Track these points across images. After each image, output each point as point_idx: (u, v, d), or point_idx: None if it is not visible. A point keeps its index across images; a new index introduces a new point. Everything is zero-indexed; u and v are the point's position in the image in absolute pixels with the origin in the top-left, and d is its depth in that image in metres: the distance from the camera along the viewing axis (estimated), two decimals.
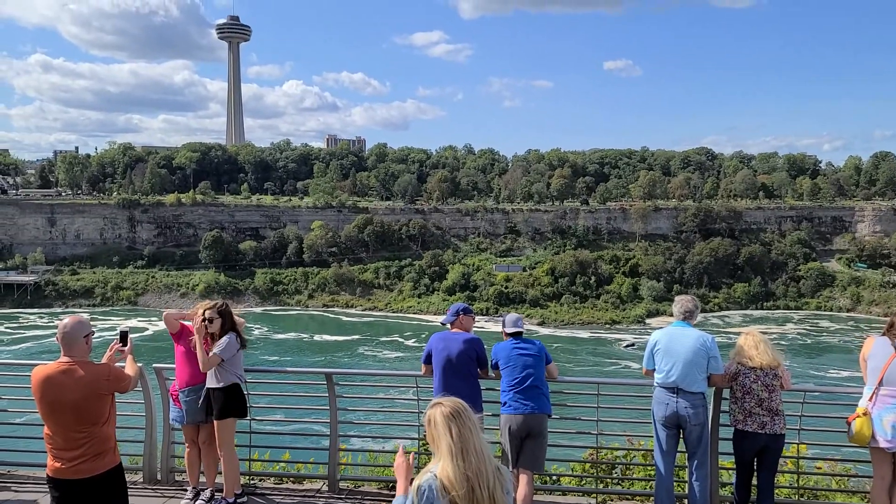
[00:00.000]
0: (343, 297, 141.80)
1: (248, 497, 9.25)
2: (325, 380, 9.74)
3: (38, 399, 6.48)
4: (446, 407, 4.36)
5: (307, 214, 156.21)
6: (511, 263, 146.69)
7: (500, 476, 4.31)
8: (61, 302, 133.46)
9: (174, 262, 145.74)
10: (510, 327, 8.97)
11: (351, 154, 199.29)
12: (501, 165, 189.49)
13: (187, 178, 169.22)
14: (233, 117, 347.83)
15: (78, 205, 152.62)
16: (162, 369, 9.75)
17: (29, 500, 9.28)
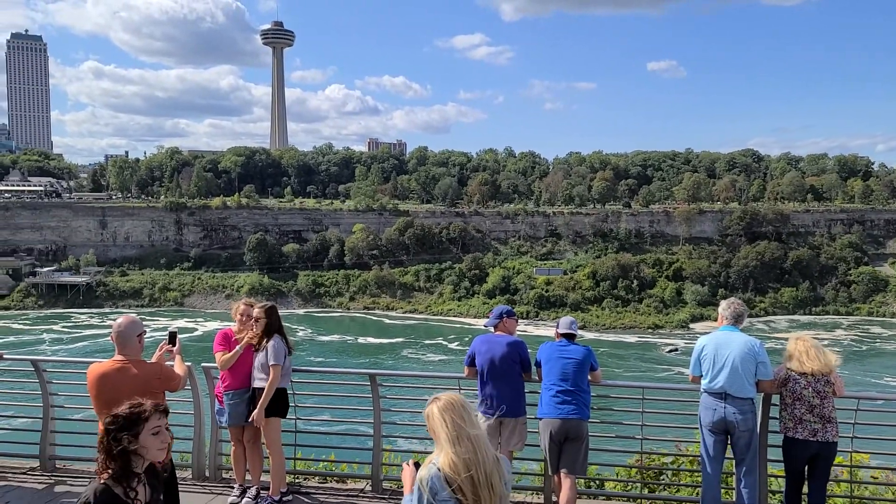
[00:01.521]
0: (384, 299, 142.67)
1: (293, 496, 9.37)
2: (369, 381, 9.81)
3: (93, 396, 6.65)
4: (441, 401, 4.51)
5: (349, 217, 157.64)
6: (552, 267, 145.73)
7: (498, 465, 4.43)
8: (111, 302, 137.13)
9: (219, 265, 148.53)
10: (563, 328, 8.90)
11: (392, 157, 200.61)
12: (542, 168, 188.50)
13: (232, 182, 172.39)
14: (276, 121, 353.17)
15: (127, 208, 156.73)
16: (210, 369, 9.93)
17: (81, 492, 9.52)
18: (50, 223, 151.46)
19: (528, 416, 9.05)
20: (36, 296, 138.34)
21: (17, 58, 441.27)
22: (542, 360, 8.75)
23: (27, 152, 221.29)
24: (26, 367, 10.85)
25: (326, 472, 10.29)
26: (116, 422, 4.93)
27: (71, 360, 11.94)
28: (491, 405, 8.82)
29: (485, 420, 8.86)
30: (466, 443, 4.32)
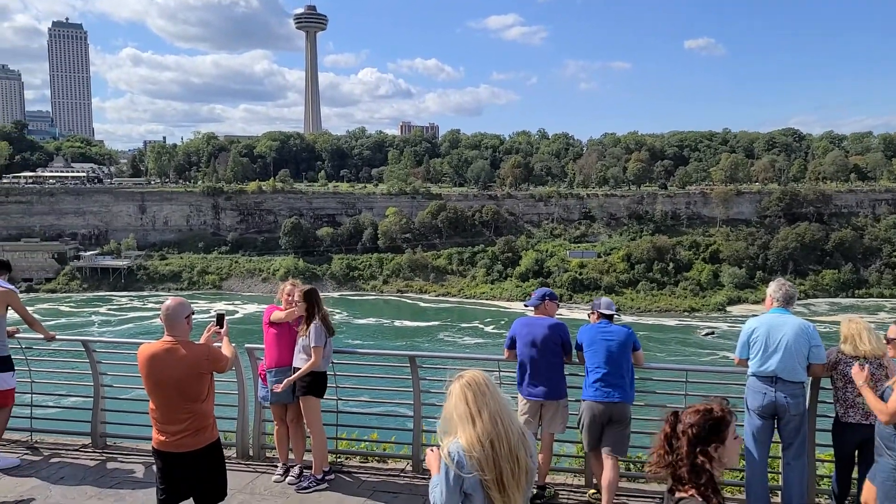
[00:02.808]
0: (417, 282, 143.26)
1: (335, 474, 9.52)
2: (409, 362, 9.90)
3: (143, 376, 6.80)
4: (463, 378, 4.51)
5: (382, 201, 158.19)
6: (585, 249, 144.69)
7: (523, 440, 4.42)
8: (151, 286, 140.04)
9: (256, 248, 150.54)
10: (604, 309, 8.84)
11: (424, 141, 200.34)
12: (576, 150, 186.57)
13: (267, 167, 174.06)
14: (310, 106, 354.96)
15: (166, 193, 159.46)
16: (253, 349, 10.12)
17: (133, 469, 9.85)
18: (92, 208, 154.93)
19: (568, 399, 9.05)
20: (80, 279, 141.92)
21: (59, 46, 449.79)
22: (585, 343, 8.69)
23: (70, 139, 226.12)
24: (77, 348, 11.17)
25: (367, 452, 10.44)
26: (703, 427, 4.16)
27: (119, 341, 12.29)
28: (531, 387, 8.83)
29: (525, 402, 8.90)
30: (487, 417, 4.32)
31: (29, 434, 11.00)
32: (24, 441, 10.84)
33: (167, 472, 6.82)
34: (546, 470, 9.00)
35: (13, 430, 10.96)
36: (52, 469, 9.84)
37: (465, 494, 4.34)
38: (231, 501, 8.55)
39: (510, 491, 4.31)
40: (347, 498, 8.86)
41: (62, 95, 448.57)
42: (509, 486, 4.30)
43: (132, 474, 9.67)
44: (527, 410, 8.86)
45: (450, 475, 4.31)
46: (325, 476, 9.31)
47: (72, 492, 9.02)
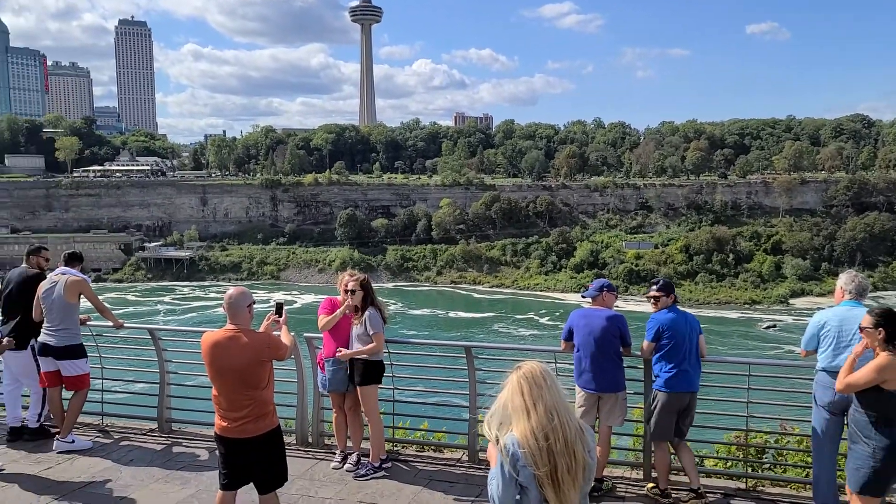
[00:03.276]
0: (470, 273, 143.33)
1: (392, 462, 9.62)
2: (465, 353, 9.91)
3: (207, 363, 6.96)
4: (521, 369, 4.44)
5: (436, 192, 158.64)
6: (642, 240, 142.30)
7: (582, 435, 4.34)
8: (213, 276, 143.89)
9: (312, 239, 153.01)
10: (672, 291, 8.73)
11: (478, 131, 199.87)
12: (633, 139, 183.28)
13: (323, 159, 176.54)
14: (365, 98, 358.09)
15: (226, 185, 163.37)
16: (312, 338, 10.28)
17: (197, 453, 10.16)
18: (156, 200, 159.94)
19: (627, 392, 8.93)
20: (145, 269, 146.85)
21: (124, 44, 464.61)
22: (667, 332, 8.48)
23: (135, 133, 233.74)
24: (143, 336, 11.56)
25: (424, 441, 10.52)
26: None
27: (183, 329, 12.66)
28: (589, 380, 8.74)
29: (583, 394, 8.81)
30: (542, 411, 4.27)
31: (100, 418, 11.45)
32: (95, 424, 11.30)
33: (229, 456, 6.99)
34: (604, 463, 8.91)
35: (86, 414, 11.44)
36: (122, 452, 10.23)
37: (522, 487, 4.30)
38: (291, 487, 8.74)
39: (565, 487, 4.24)
40: (404, 486, 8.95)
41: (128, 91, 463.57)
42: (564, 481, 4.24)
43: (196, 458, 9.97)
44: (584, 403, 8.78)
45: (505, 468, 4.29)
46: (383, 464, 9.42)
47: (140, 473, 9.36)
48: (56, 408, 10.45)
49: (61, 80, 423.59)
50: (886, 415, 6.72)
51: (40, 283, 10.50)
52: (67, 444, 9.97)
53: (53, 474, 9.37)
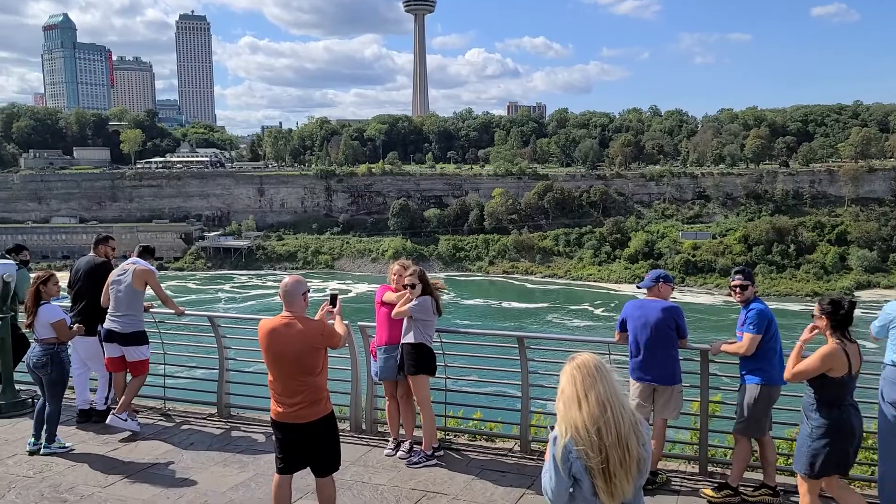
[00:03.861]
0: (523, 263, 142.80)
1: (444, 451, 9.68)
2: (517, 343, 9.89)
3: (263, 349, 7.11)
4: (574, 360, 4.38)
5: (488, 182, 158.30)
6: (699, 230, 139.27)
7: (636, 427, 4.26)
8: (269, 265, 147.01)
9: (365, 229, 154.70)
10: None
11: (531, 121, 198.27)
12: (690, 127, 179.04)
13: (377, 149, 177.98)
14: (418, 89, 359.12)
15: (282, 176, 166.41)
16: (365, 327, 10.41)
17: (255, 438, 10.42)
18: (215, 191, 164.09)
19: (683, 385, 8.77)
20: (204, 258, 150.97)
21: (185, 38, 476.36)
22: (771, 323, 8.28)
23: (195, 125, 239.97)
24: (203, 323, 11.89)
25: (475, 431, 10.55)
26: None
27: (241, 317, 12.96)
28: (644, 372, 8.62)
29: (637, 386, 8.70)
30: (594, 402, 4.20)
31: (162, 402, 11.84)
32: (158, 408, 11.69)
33: (285, 441, 7.14)
34: (658, 456, 8.79)
35: (149, 398, 11.87)
36: (183, 435, 10.56)
37: (574, 479, 4.27)
38: (345, 473, 8.89)
39: (617, 479, 4.19)
40: (456, 475, 9.00)
41: (188, 84, 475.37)
42: (616, 473, 4.18)
43: (254, 442, 10.22)
44: (638, 395, 8.66)
45: (557, 459, 4.27)
46: (435, 452, 9.49)
47: (200, 457, 9.65)
48: (121, 391, 10.85)
49: (125, 74, 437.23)
50: (827, 398, 6.87)
51: (107, 271, 10.90)
52: (120, 420, 10.30)
53: (119, 455, 9.74)
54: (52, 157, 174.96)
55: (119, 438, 10.28)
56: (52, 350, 9.84)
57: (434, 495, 8.43)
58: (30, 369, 10.00)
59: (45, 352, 9.80)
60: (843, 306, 6.93)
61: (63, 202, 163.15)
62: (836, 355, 6.81)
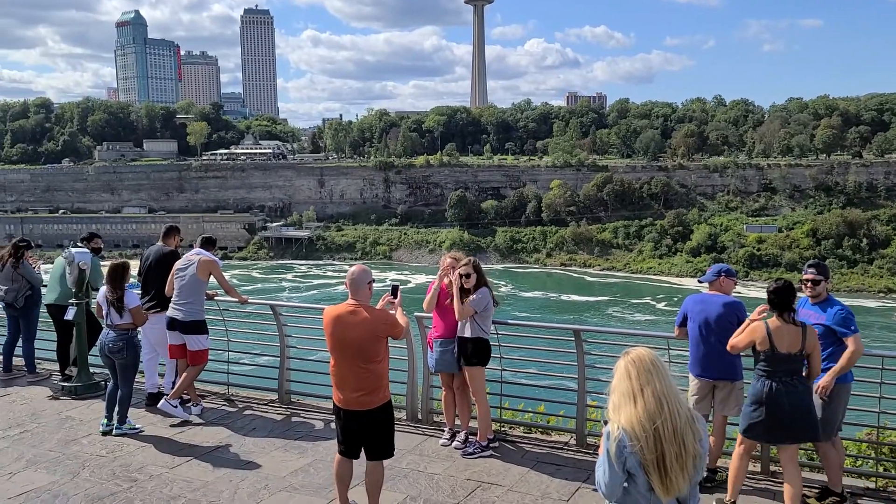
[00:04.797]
0: (581, 256, 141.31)
1: (499, 442, 9.71)
2: (574, 336, 9.82)
3: (327, 335, 7.29)
4: (629, 354, 4.37)
5: (546, 173, 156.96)
6: (765, 223, 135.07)
7: (693, 423, 4.24)
8: (329, 255, 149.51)
9: (423, 220, 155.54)
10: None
11: (591, 111, 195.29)
12: (756, 117, 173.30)
13: (435, 141, 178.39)
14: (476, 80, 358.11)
15: (342, 168, 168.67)
16: (422, 318, 10.50)
17: (314, 424, 10.65)
18: (277, 182, 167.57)
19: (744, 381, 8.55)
20: (267, 248, 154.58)
21: (249, 32, 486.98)
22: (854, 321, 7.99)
23: (258, 118, 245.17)
24: (266, 311, 12.20)
25: (531, 423, 10.55)
26: None
27: (302, 306, 13.25)
28: (704, 367, 8.45)
29: (696, 382, 8.54)
30: (650, 397, 4.20)
31: (226, 388, 12.21)
32: (222, 394, 12.07)
33: (345, 427, 7.33)
34: (718, 453, 8.62)
35: (213, 384, 12.27)
36: (246, 420, 10.88)
37: (629, 474, 4.27)
38: (401, 461, 9.03)
39: (672, 475, 4.17)
40: (511, 466, 9.02)
41: (251, 77, 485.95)
42: (671, 469, 4.17)
43: (313, 429, 10.45)
44: (697, 391, 8.50)
45: (611, 453, 4.27)
46: (490, 443, 9.53)
47: (262, 442, 9.93)
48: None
49: (192, 68, 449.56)
50: (759, 370, 7.54)
51: (174, 260, 11.30)
52: (170, 406, 10.64)
53: (185, 438, 10.11)
54: (124, 150, 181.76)
55: (170, 423, 10.61)
56: (127, 335, 10.27)
57: (489, 486, 8.47)
58: (103, 353, 10.42)
59: (121, 337, 10.21)
60: (776, 290, 7.49)
61: (133, 193, 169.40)
62: (756, 330, 7.49)
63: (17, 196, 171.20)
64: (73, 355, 12.37)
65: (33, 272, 13.06)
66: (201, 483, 8.57)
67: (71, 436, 10.16)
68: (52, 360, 13.17)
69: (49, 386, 12.53)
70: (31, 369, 13.16)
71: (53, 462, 9.20)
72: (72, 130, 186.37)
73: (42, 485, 8.52)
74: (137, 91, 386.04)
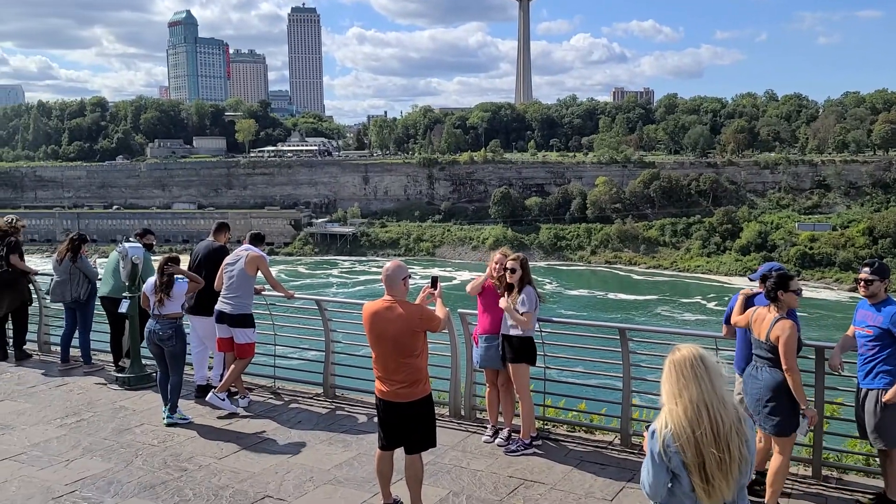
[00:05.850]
0: (626, 254, 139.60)
1: (542, 440, 9.67)
2: (619, 335, 9.71)
3: (367, 330, 7.39)
4: (677, 353, 4.28)
5: (591, 170, 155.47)
6: (818, 221, 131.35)
7: (739, 427, 4.13)
8: (373, 251, 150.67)
9: (466, 217, 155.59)
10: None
11: (638, 107, 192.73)
12: (810, 112, 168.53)
13: (479, 137, 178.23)
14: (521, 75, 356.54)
15: (386, 164, 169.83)
16: (466, 315, 10.51)
17: (357, 418, 10.76)
18: (322, 179, 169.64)
19: None
20: (312, 244, 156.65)
21: (296, 30, 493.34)
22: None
23: (304, 115, 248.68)
24: (311, 306, 12.36)
25: (575, 422, 10.46)
26: None
27: (347, 301, 13.41)
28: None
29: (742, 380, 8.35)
30: (688, 402, 4.13)
31: (273, 381, 12.42)
32: (268, 387, 12.27)
33: (386, 419, 7.42)
34: (765, 456, 8.42)
35: (260, 377, 12.50)
36: (292, 413, 11.06)
37: (673, 474, 4.22)
38: (444, 457, 9.06)
39: (714, 480, 4.10)
40: (555, 464, 8.97)
41: (298, 75, 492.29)
42: (713, 474, 4.10)
43: (357, 422, 10.56)
44: (743, 389, 8.32)
45: (655, 453, 4.23)
46: (533, 441, 9.49)
47: (307, 434, 10.08)
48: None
49: (241, 66, 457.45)
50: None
51: (223, 255, 11.54)
52: (218, 399, 10.84)
53: (233, 430, 10.31)
54: (175, 147, 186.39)
55: (217, 415, 10.83)
56: (175, 323, 10.60)
57: (532, 484, 8.44)
58: (151, 342, 10.68)
59: (170, 325, 10.53)
60: (765, 280, 7.78)
61: (183, 189, 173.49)
62: (746, 315, 7.97)
63: (74, 192, 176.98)
64: (125, 347, 12.72)
65: (90, 266, 13.48)
66: (248, 474, 8.74)
67: (124, 425, 10.47)
68: (107, 351, 13.57)
69: (103, 376, 12.92)
70: (87, 360, 13.59)
71: (108, 450, 9.49)
72: (125, 128, 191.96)
73: (97, 472, 8.79)
74: (188, 89, 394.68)
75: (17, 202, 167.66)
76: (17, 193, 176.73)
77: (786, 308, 7.55)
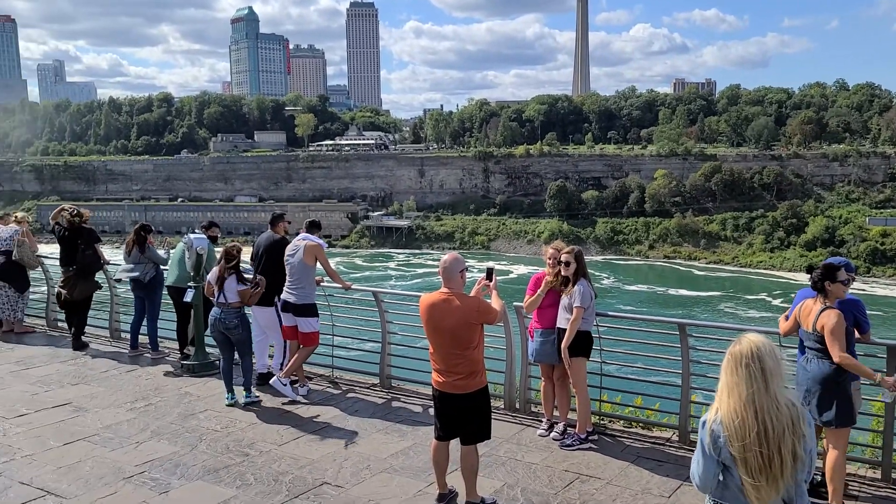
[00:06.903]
0: (686, 248, 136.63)
1: (598, 435, 9.61)
2: (678, 330, 9.55)
3: (423, 322, 7.48)
4: (738, 344, 4.16)
5: (650, 163, 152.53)
6: (890, 216, 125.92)
7: (795, 426, 4.00)
8: (428, 244, 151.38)
9: (522, 211, 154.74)
10: None
11: (699, 98, 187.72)
12: (884, 102, 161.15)
13: (535, 130, 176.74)
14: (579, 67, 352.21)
15: (442, 158, 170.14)
16: (521, 308, 10.50)
17: (413, 409, 10.89)
18: (379, 172, 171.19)
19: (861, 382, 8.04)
20: (368, 237, 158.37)
21: (354, 24, 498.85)
22: None
23: (362, 109, 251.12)
24: (368, 298, 12.55)
25: (632, 418, 10.35)
26: None
27: (403, 293, 13.56)
28: None
29: None
30: (738, 400, 4.04)
31: (331, 370, 12.67)
32: (327, 376, 12.53)
33: (442, 410, 7.50)
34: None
35: (319, 366, 12.76)
36: (349, 402, 11.26)
37: (725, 466, 4.17)
38: (499, 449, 9.10)
39: (763, 479, 4.02)
40: (611, 460, 8.91)
41: (356, 70, 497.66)
42: (762, 473, 4.01)
43: (413, 413, 10.69)
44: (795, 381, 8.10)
45: (705, 446, 4.18)
46: (589, 436, 9.44)
47: (364, 423, 10.26)
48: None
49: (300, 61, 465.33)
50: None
51: (284, 246, 11.80)
52: (280, 384, 11.10)
53: (292, 417, 10.59)
54: (237, 141, 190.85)
55: (279, 403, 11.12)
56: (239, 312, 11.01)
57: (587, 478, 8.41)
58: (216, 330, 11.07)
59: (235, 314, 10.95)
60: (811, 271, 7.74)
61: (245, 182, 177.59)
62: (792, 316, 7.99)
63: (142, 185, 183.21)
64: (190, 335, 13.16)
65: (158, 254, 13.97)
66: (307, 461, 8.95)
67: (189, 410, 10.85)
68: (173, 339, 14.07)
69: (170, 363, 13.42)
70: (155, 347, 14.11)
71: (174, 434, 9.86)
72: (190, 123, 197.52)
73: (164, 454, 9.15)
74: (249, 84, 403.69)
75: (89, 195, 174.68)
76: (89, 186, 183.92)
77: (833, 299, 7.49)
